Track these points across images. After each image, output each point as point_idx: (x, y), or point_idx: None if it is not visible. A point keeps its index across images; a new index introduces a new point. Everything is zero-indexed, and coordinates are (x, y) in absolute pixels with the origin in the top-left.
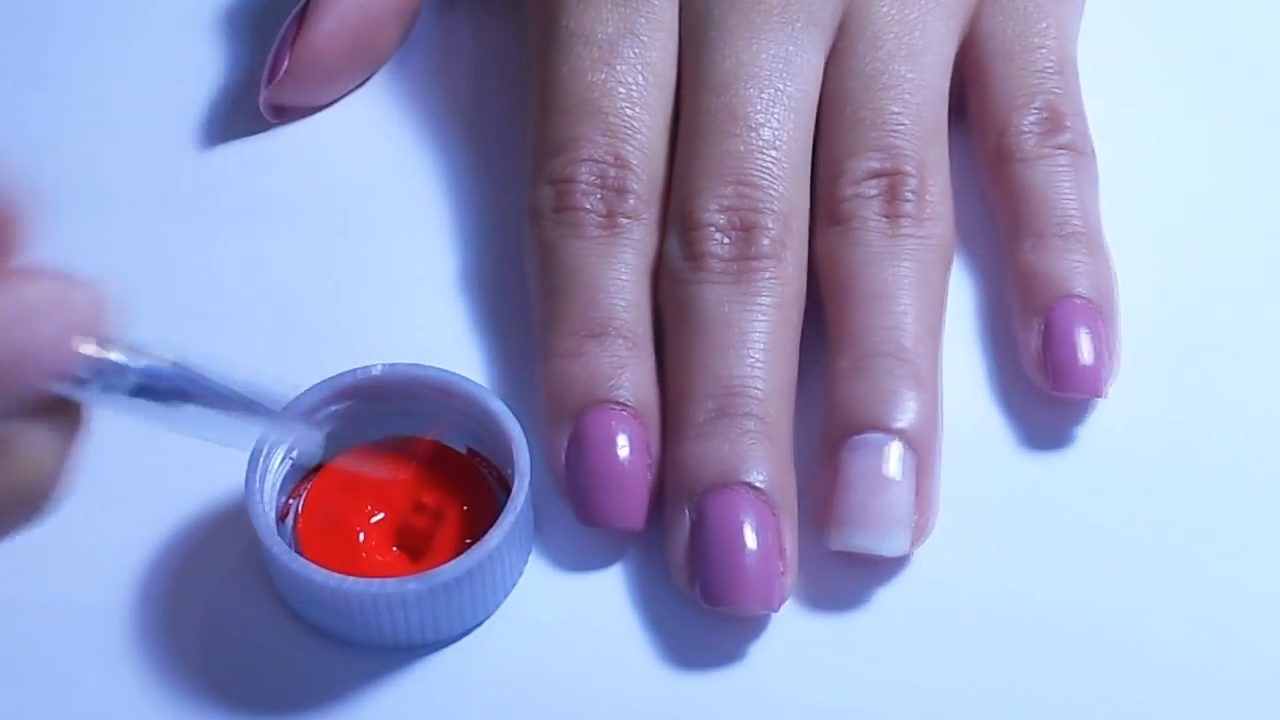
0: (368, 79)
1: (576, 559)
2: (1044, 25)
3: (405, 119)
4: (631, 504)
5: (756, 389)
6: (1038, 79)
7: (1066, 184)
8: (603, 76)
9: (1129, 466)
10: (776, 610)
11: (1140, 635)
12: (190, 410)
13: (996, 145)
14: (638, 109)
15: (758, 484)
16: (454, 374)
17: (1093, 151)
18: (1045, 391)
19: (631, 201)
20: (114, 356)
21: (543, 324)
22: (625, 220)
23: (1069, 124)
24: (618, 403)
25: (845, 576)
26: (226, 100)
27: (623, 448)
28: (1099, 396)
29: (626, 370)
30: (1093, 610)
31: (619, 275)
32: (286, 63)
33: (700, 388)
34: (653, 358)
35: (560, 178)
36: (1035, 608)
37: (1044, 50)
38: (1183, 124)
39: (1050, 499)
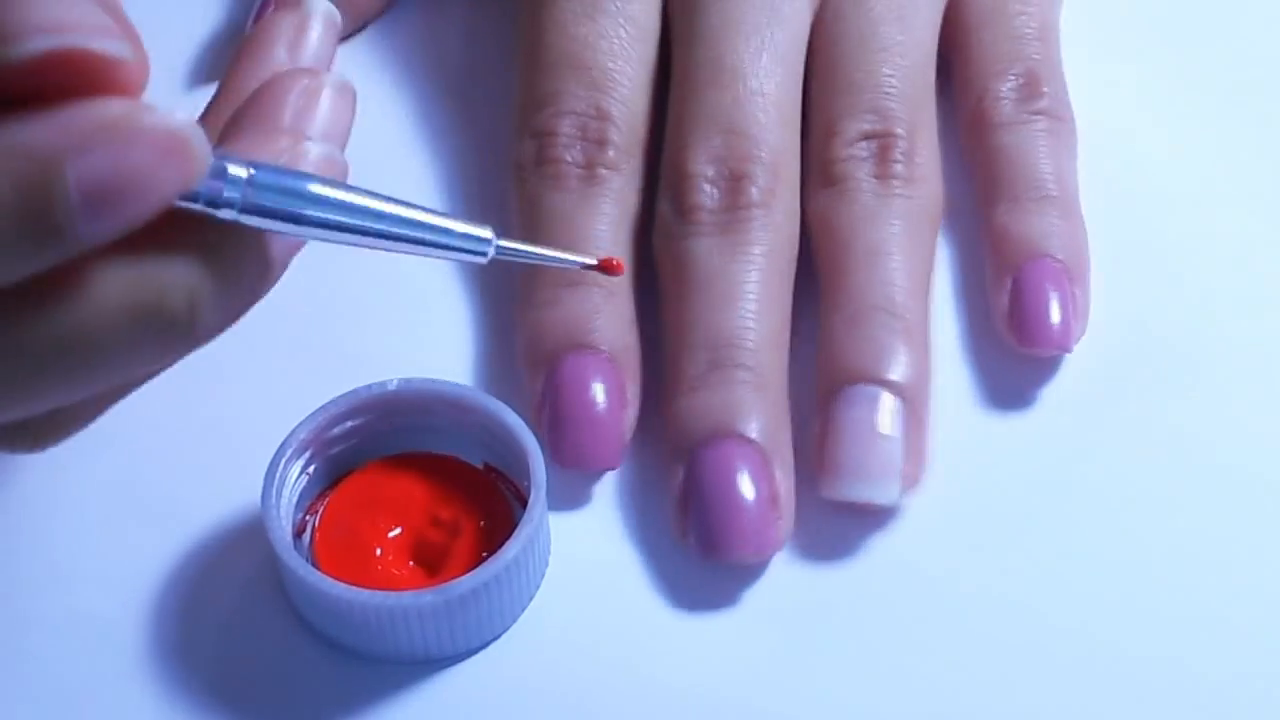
0: (357, 32)
1: (594, 572)
2: None
3: (396, 88)
4: (607, 444)
5: (749, 340)
6: (1018, 45)
7: (1043, 149)
8: (584, 30)
9: (1126, 463)
10: (769, 557)
11: (1137, 631)
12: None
13: (975, 110)
14: (619, 61)
15: (751, 434)
16: (469, 388)
17: (1071, 118)
18: (1014, 349)
19: (611, 153)
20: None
21: (523, 277)
22: (605, 171)
23: (1046, 89)
24: (591, 347)
25: (842, 526)
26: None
27: (597, 390)
28: (1066, 351)
29: (601, 315)
30: (1089, 605)
31: (597, 226)
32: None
33: (693, 341)
34: (630, 304)
35: (542, 131)
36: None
37: (1025, 16)
38: (1166, 93)
39: (1043, 493)
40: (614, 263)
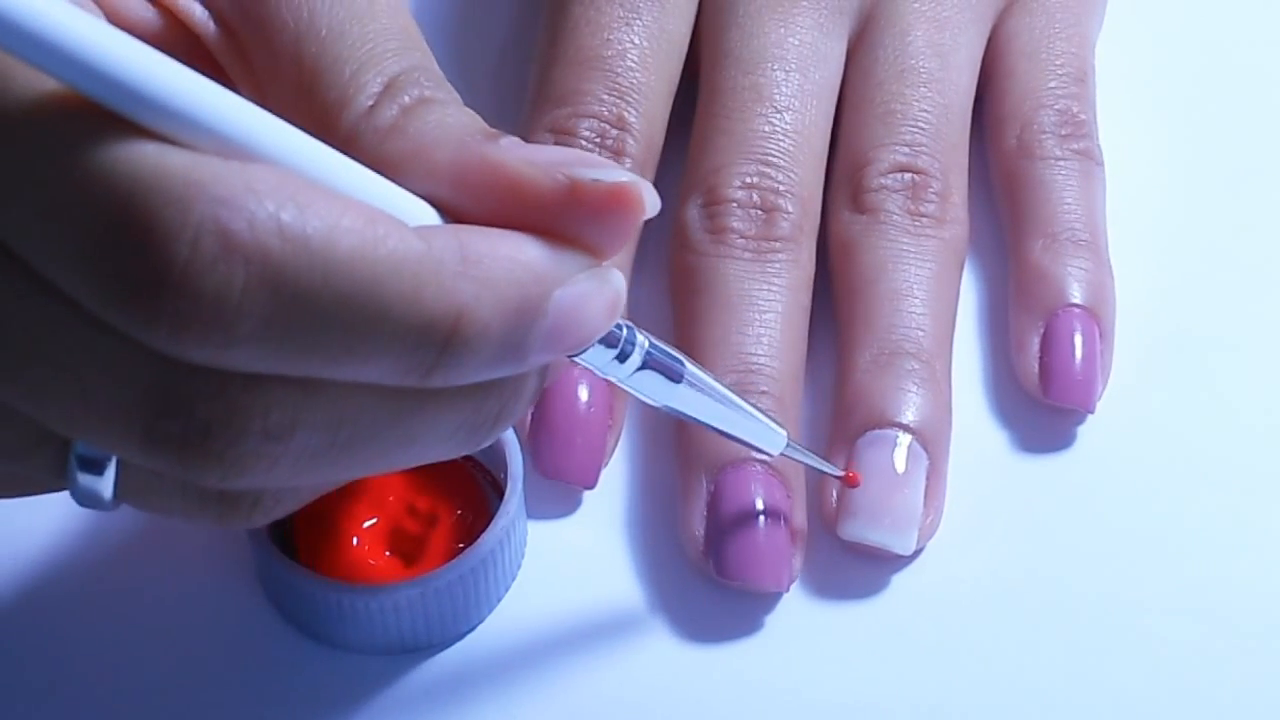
0: None
1: (570, 563)
2: (1069, 32)
3: None
4: (586, 465)
5: (772, 367)
6: (1060, 83)
7: (1082, 190)
8: (619, 35)
9: (1126, 464)
10: (786, 590)
11: (1137, 630)
12: (683, 391)
13: (1017, 141)
14: (649, 74)
15: (772, 460)
16: None
17: (1103, 163)
18: (1034, 396)
19: (627, 165)
20: (625, 330)
21: None
22: None
23: (1086, 132)
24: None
25: (850, 565)
26: None
27: (584, 407)
28: (1089, 412)
29: None
30: (1088, 603)
31: None
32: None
33: (717, 362)
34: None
35: (560, 129)
36: (1033, 599)
37: (1067, 56)
38: (1181, 132)
39: (1043, 494)
40: (858, 479)
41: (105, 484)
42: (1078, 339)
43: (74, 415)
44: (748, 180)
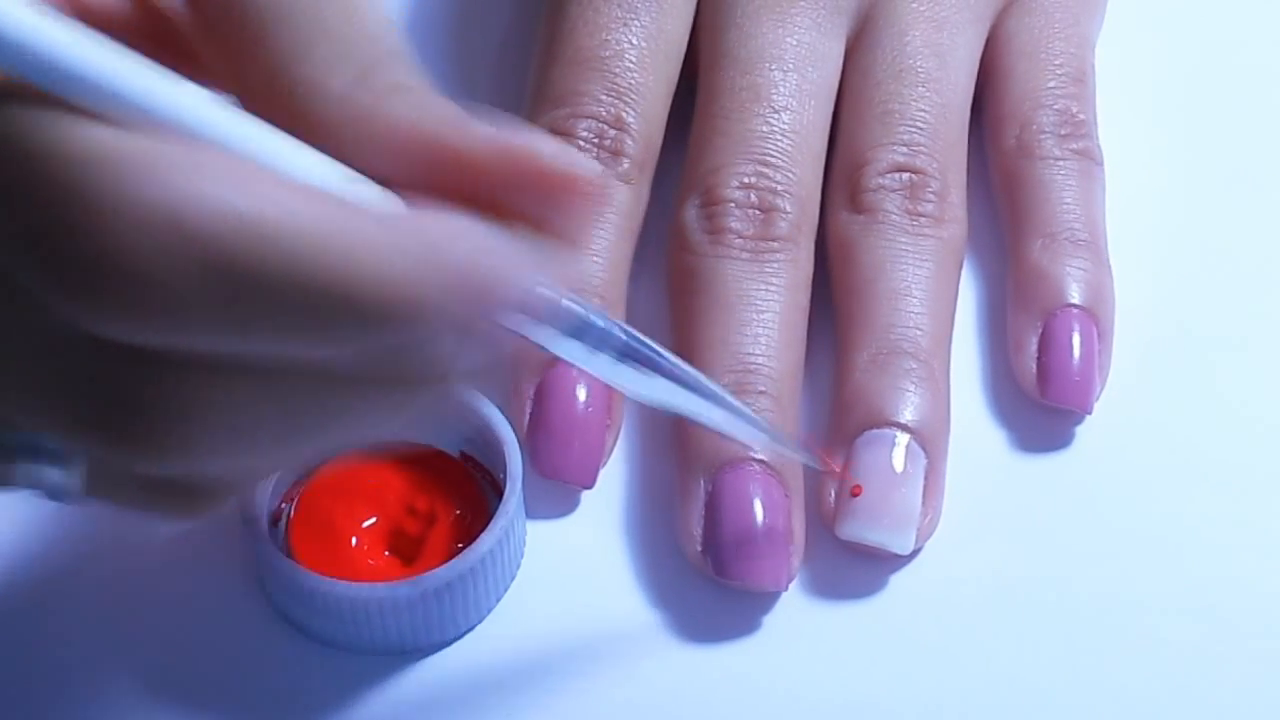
0: None
1: (569, 563)
2: (1068, 32)
3: None
4: (585, 464)
5: (770, 367)
6: (1060, 83)
7: (1081, 190)
8: (617, 36)
9: (1124, 463)
10: (784, 590)
11: (1135, 630)
12: (660, 383)
13: (1016, 141)
14: (647, 75)
15: (770, 460)
16: None
17: (1103, 164)
18: (1032, 396)
19: (625, 165)
20: (598, 320)
21: None
22: (615, 184)
23: (1085, 132)
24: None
25: (848, 564)
26: None
27: (582, 407)
28: (1086, 412)
29: None
30: (1087, 602)
31: (602, 237)
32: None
33: (715, 362)
34: (623, 312)
35: (558, 129)
36: (1032, 599)
37: (1066, 56)
38: (1182, 132)
39: (1042, 494)
40: (860, 489)
41: (55, 475)
42: (1076, 339)
43: (14, 399)
44: (745, 180)
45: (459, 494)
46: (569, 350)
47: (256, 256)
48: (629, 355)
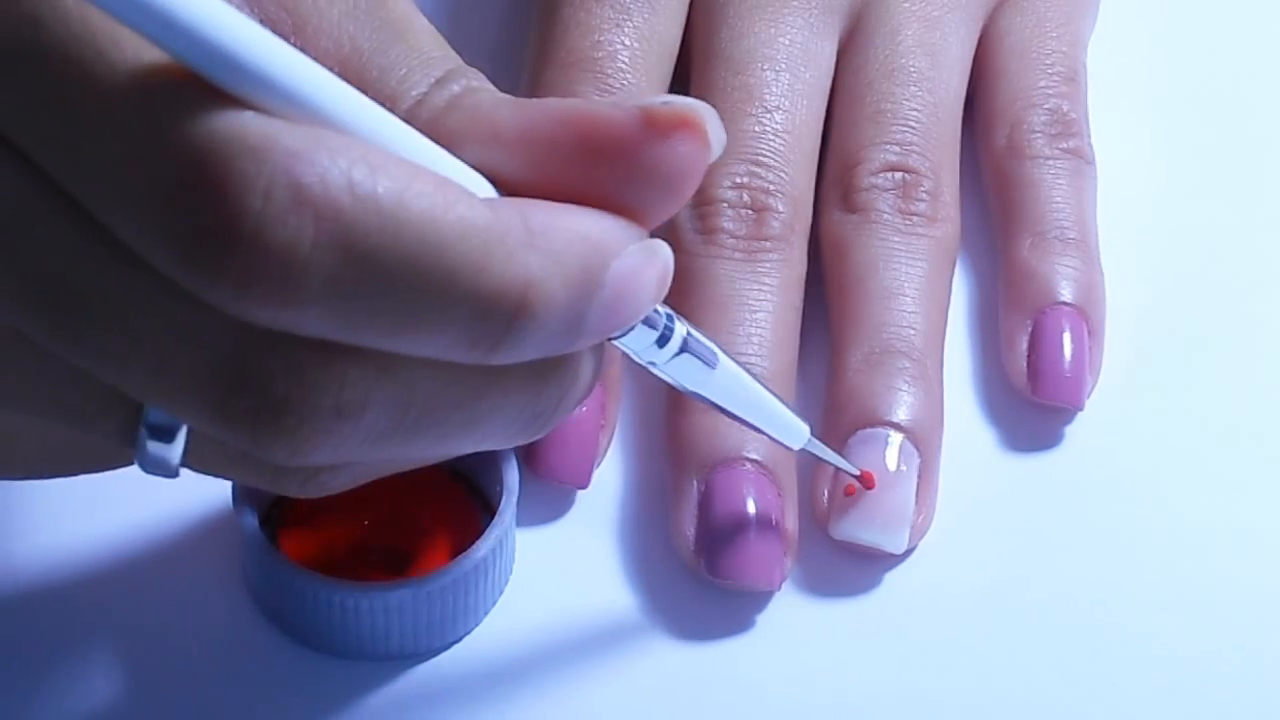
0: None
1: (563, 563)
2: (1060, 31)
3: None
4: (579, 464)
5: (763, 367)
6: (1051, 82)
7: (1072, 189)
8: (610, 37)
9: (1117, 461)
10: (777, 589)
11: (1126, 628)
12: (718, 378)
13: (1007, 140)
14: (640, 76)
15: (763, 460)
16: None
17: (1095, 164)
18: (1024, 394)
19: None
20: (666, 316)
21: None
22: None
23: (1076, 131)
24: None
25: (841, 563)
26: None
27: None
28: (1078, 409)
29: None
30: (1080, 601)
31: None
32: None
33: None
34: None
35: None
36: (1024, 597)
37: (1058, 55)
38: (1174, 131)
39: (1035, 492)
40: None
41: (175, 452)
42: (1066, 337)
43: (151, 385)
44: (738, 180)
45: (451, 513)
46: (639, 340)
47: (392, 240)
48: (690, 350)
